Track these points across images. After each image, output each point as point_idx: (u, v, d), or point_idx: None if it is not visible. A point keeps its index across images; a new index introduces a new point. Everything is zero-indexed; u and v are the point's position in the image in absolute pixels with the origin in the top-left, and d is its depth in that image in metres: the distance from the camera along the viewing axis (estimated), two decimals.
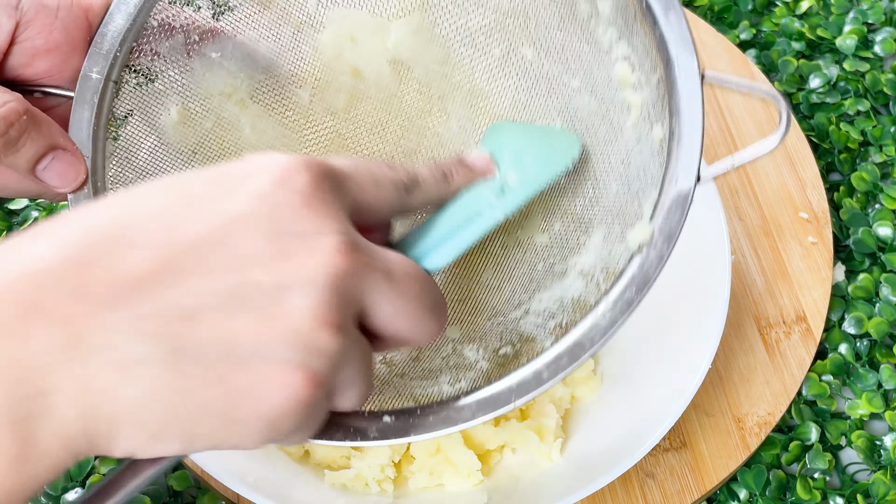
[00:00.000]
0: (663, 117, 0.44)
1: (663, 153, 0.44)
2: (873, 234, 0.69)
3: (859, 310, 0.66)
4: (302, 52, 0.48)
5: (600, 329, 0.42)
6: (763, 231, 0.68)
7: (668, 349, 0.59)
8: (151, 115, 0.48)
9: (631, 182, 0.45)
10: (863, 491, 0.60)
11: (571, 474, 0.55)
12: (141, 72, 0.47)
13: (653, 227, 0.44)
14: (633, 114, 0.45)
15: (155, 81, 0.47)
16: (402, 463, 0.58)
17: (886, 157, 0.72)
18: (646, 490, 0.59)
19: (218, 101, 0.48)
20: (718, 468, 0.60)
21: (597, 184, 0.46)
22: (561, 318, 0.46)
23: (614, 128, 0.46)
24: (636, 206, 0.45)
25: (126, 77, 0.47)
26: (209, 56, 0.48)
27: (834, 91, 0.75)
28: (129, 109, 0.47)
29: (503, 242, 0.48)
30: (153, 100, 0.47)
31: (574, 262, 0.46)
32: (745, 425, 0.61)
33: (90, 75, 0.46)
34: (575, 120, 0.47)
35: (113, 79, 0.46)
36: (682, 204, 0.44)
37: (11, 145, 0.44)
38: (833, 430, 0.62)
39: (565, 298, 0.46)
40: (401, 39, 0.48)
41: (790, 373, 0.63)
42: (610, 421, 0.58)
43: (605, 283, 0.44)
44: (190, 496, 0.60)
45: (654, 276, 0.43)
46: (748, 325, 0.65)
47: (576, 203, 0.47)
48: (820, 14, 0.79)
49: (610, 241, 0.45)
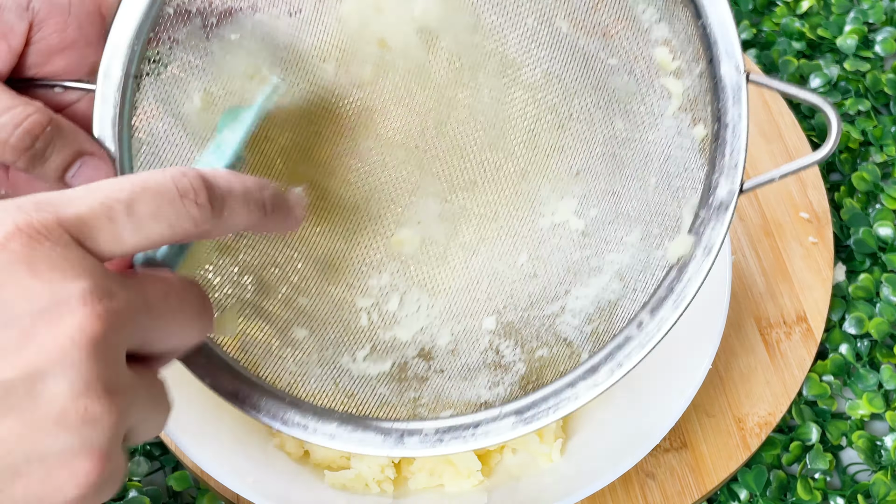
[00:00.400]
0: (706, 116, 0.43)
1: (704, 156, 0.43)
2: (874, 234, 0.69)
3: (860, 310, 0.66)
4: (324, 23, 0.47)
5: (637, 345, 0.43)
6: (763, 231, 0.68)
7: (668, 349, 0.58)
8: (174, 105, 0.47)
9: (671, 178, 0.44)
10: (863, 491, 0.60)
11: (571, 475, 0.55)
12: (160, 62, 0.46)
13: (692, 239, 0.42)
14: (673, 103, 0.44)
15: (175, 70, 0.47)
16: (402, 463, 0.58)
17: (887, 156, 0.72)
18: (646, 490, 0.59)
19: (240, 82, 0.47)
20: (719, 468, 0.60)
21: (635, 171, 0.45)
22: (597, 324, 0.45)
23: (653, 114, 0.45)
24: (675, 206, 0.44)
25: (145, 69, 0.46)
26: (228, 38, 0.47)
27: (834, 91, 0.75)
28: (151, 102, 0.47)
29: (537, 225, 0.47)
30: (175, 88, 0.47)
31: (611, 259, 0.46)
32: (746, 426, 0.61)
33: (109, 71, 0.45)
34: (612, 99, 0.45)
35: (133, 73, 0.45)
36: (723, 214, 0.42)
37: (39, 157, 0.43)
38: (834, 430, 0.62)
39: (601, 300, 0.45)
40: (428, 7, 0.47)
41: (791, 373, 0.63)
42: (610, 421, 0.58)
43: (643, 294, 0.44)
44: (190, 496, 0.60)
45: (693, 293, 0.42)
46: (748, 326, 0.65)
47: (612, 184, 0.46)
48: (820, 14, 0.79)
49: (648, 242, 0.45)
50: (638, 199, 0.45)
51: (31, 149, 0.43)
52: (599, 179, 0.46)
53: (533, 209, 0.47)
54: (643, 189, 0.45)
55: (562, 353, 0.46)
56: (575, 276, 0.46)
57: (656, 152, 0.45)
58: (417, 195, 0.48)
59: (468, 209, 0.47)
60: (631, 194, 0.45)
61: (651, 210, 0.45)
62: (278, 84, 0.46)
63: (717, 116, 0.43)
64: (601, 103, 0.46)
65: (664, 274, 0.44)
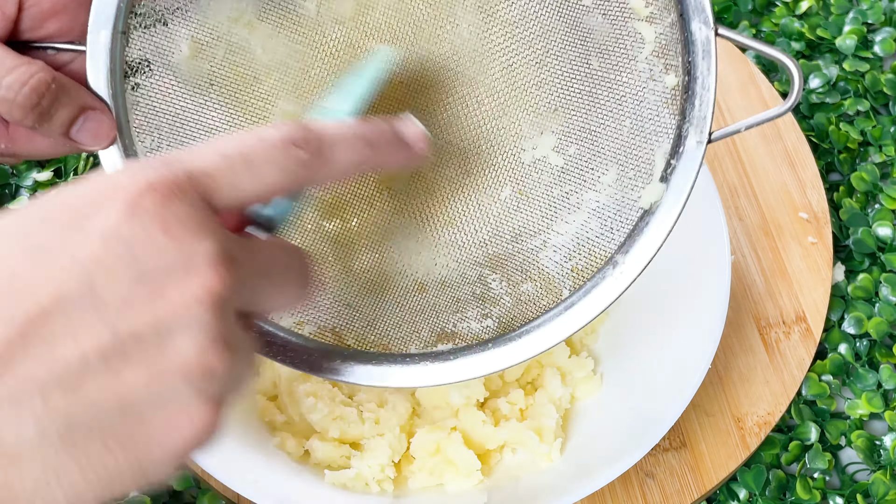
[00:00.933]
0: (677, 66, 0.45)
1: (676, 104, 0.45)
2: (873, 234, 0.69)
3: (859, 310, 0.66)
4: None
5: (614, 284, 0.47)
6: (763, 231, 0.68)
7: (667, 349, 0.59)
8: (164, 56, 0.48)
9: (644, 122, 0.46)
10: (862, 491, 0.60)
11: (571, 474, 0.55)
12: (146, 14, 0.48)
13: (664, 186, 0.45)
14: (646, 47, 0.46)
15: (162, 21, 0.48)
16: (402, 463, 0.58)
17: (886, 157, 0.72)
18: (646, 490, 0.59)
19: (226, 27, 0.49)
20: (718, 468, 0.60)
21: (610, 112, 0.47)
22: (577, 261, 0.48)
23: (627, 56, 0.47)
24: (648, 151, 0.46)
25: (132, 23, 0.47)
26: None
27: (834, 91, 0.75)
28: (141, 56, 0.48)
29: (519, 159, 0.49)
30: (163, 40, 0.48)
31: (588, 197, 0.48)
32: (745, 425, 0.61)
33: (97, 30, 0.46)
34: (588, 40, 0.47)
35: (121, 29, 0.47)
36: (692, 162, 0.45)
37: (45, 115, 0.45)
38: (833, 429, 0.62)
39: (581, 237, 0.48)
40: None
41: (790, 373, 0.63)
42: (610, 421, 0.58)
43: (619, 235, 0.47)
44: (190, 496, 0.60)
45: (665, 235, 0.46)
46: (748, 325, 0.65)
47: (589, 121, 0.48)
48: (819, 14, 0.79)
49: (623, 183, 0.47)
50: (613, 140, 0.47)
51: (38, 106, 0.44)
52: (577, 116, 0.48)
53: (514, 143, 0.49)
54: (618, 130, 0.47)
55: (544, 288, 0.49)
56: (556, 212, 0.49)
57: (630, 94, 0.47)
58: None
59: (452, 143, 0.49)
60: (607, 133, 0.48)
61: (626, 152, 0.47)
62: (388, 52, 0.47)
63: (687, 69, 0.45)
64: (577, 42, 0.48)
65: (638, 217, 0.47)
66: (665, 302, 0.60)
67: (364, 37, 0.50)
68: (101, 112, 0.46)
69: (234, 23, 0.49)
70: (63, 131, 0.46)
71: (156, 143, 0.48)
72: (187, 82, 0.48)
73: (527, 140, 0.49)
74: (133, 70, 0.48)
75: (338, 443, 0.57)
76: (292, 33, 0.49)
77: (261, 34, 0.49)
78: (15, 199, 0.70)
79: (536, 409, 0.58)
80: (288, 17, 0.49)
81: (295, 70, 0.50)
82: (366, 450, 0.56)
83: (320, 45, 0.49)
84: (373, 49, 0.48)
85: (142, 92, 0.48)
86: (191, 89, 0.49)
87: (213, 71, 0.49)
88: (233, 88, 0.49)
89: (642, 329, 0.61)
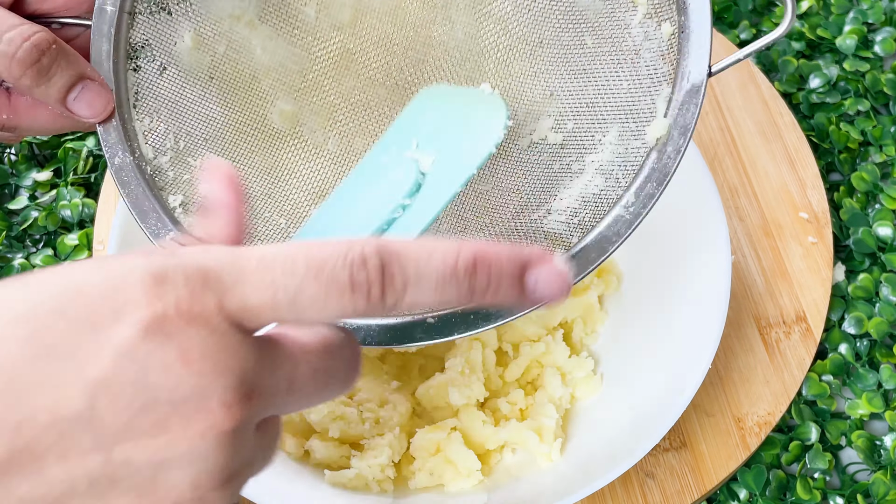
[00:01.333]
0: (671, 14, 0.45)
1: (673, 50, 0.46)
2: (873, 234, 0.69)
3: (859, 310, 0.66)
4: None
5: (625, 222, 0.44)
6: (763, 231, 0.68)
7: (668, 349, 0.59)
8: (167, 43, 0.49)
9: (641, 79, 0.47)
10: (863, 491, 0.60)
11: (571, 474, 0.55)
12: (153, 0, 0.48)
13: (668, 121, 0.45)
14: (639, 11, 0.46)
15: (166, 9, 0.49)
16: (402, 463, 0.58)
17: (886, 157, 0.72)
18: (646, 490, 0.59)
19: (228, 24, 0.49)
20: (718, 468, 0.60)
21: (607, 82, 0.47)
22: (584, 215, 0.46)
23: (621, 26, 0.47)
24: (649, 102, 0.46)
25: (139, 7, 0.48)
26: None
27: (834, 91, 0.75)
28: (145, 39, 0.49)
29: (516, 145, 0.49)
30: (167, 28, 0.49)
31: (591, 159, 0.47)
32: (745, 425, 0.61)
33: (104, 7, 0.47)
34: (581, 21, 0.47)
35: (127, 10, 0.47)
36: (695, 96, 0.45)
37: (44, 74, 0.45)
38: (833, 429, 0.62)
39: (586, 195, 0.47)
40: None
41: (790, 373, 0.63)
42: (610, 421, 0.58)
43: (626, 179, 0.46)
44: None
45: (673, 169, 0.44)
46: (748, 325, 0.65)
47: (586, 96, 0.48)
48: (820, 14, 0.79)
49: (626, 137, 0.47)
50: (613, 104, 0.47)
51: (38, 63, 0.44)
52: (573, 96, 0.48)
53: (511, 132, 0.49)
54: (616, 94, 0.47)
55: (552, 243, 0.47)
56: (557, 184, 0.48)
57: (627, 59, 0.47)
58: None
59: None
60: (605, 101, 0.47)
61: (626, 110, 0.47)
62: (501, 136, 0.44)
63: (681, 8, 0.45)
64: (570, 25, 0.48)
65: (645, 157, 0.46)
66: (665, 302, 0.60)
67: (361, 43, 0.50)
68: (101, 85, 0.47)
69: (237, 21, 0.49)
70: (60, 97, 0.46)
71: (154, 124, 0.48)
72: (188, 72, 0.49)
73: (524, 126, 0.49)
74: (135, 52, 0.48)
75: (338, 443, 0.57)
76: (291, 36, 0.50)
77: (261, 34, 0.50)
78: (14, 198, 0.70)
79: (536, 409, 0.58)
80: (288, 20, 0.49)
81: (293, 72, 0.50)
82: (366, 450, 0.56)
83: (318, 50, 0.50)
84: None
85: (143, 74, 0.48)
86: (191, 79, 0.49)
87: (213, 65, 0.49)
88: (232, 84, 0.50)
89: (642, 329, 0.61)
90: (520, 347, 0.60)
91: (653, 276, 0.62)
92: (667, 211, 0.61)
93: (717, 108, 0.73)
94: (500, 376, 0.60)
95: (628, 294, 0.63)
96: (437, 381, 0.58)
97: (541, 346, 0.60)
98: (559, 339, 0.60)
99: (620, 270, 0.64)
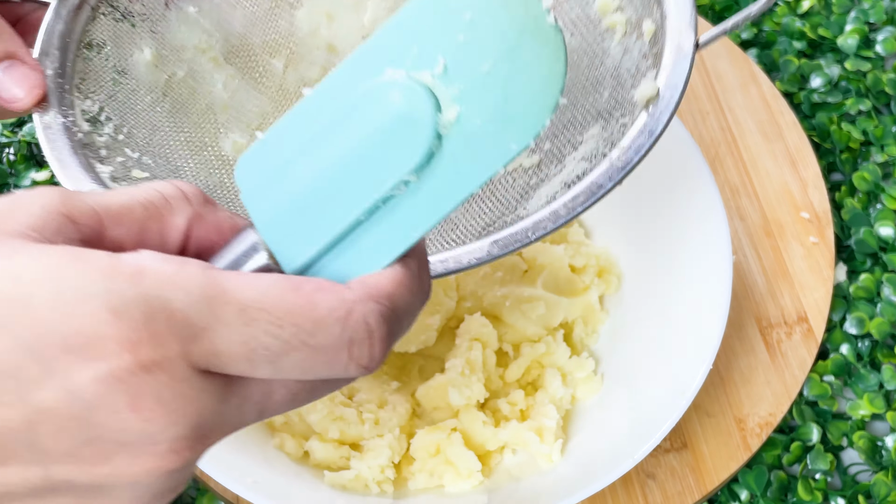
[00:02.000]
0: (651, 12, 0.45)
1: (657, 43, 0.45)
2: (875, 234, 0.69)
3: (861, 310, 0.66)
4: (277, 25, 0.49)
5: (616, 169, 0.42)
6: (764, 231, 0.68)
7: (668, 350, 0.58)
8: (125, 51, 0.48)
9: (623, 82, 0.46)
10: (864, 492, 0.60)
11: (572, 475, 0.55)
12: (118, 9, 0.48)
13: (658, 83, 0.43)
14: (617, 32, 0.46)
15: (131, 23, 0.48)
16: (401, 464, 0.57)
17: (888, 156, 0.72)
18: (646, 491, 0.59)
19: (192, 53, 0.49)
20: (719, 469, 0.60)
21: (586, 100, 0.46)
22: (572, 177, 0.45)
23: (598, 55, 0.46)
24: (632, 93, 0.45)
25: (103, 9, 0.47)
26: (186, 10, 0.48)
27: (835, 91, 0.75)
28: (102, 39, 0.48)
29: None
30: (127, 37, 0.48)
31: (573, 156, 0.46)
32: (747, 426, 0.61)
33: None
34: None
35: (91, 4, 0.47)
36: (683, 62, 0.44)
37: None
38: (834, 430, 0.62)
39: (569, 180, 0.45)
40: (377, 16, 0.48)
41: (791, 373, 0.63)
42: (610, 422, 0.58)
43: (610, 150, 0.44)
44: (189, 497, 0.60)
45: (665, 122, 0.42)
46: (749, 326, 0.65)
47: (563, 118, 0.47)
48: (821, 13, 0.79)
49: (610, 126, 0.45)
50: (592, 114, 0.46)
51: None
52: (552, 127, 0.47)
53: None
54: (596, 104, 0.46)
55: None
56: (535, 189, 0.47)
57: (607, 77, 0.46)
58: None
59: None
60: (585, 112, 0.46)
61: (609, 109, 0.46)
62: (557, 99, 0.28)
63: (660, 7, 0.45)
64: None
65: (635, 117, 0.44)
66: (666, 302, 0.60)
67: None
68: (32, 69, 0.44)
69: (201, 53, 0.48)
70: None
71: (96, 106, 0.47)
72: (140, 81, 0.48)
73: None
74: (90, 48, 0.47)
75: (337, 443, 0.57)
76: (257, 83, 0.49)
77: (224, 73, 0.49)
78: None
79: (537, 409, 0.58)
80: (255, 67, 0.49)
81: (252, 114, 0.49)
82: (365, 451, 0.56)
83: (283, 101, 0.49)
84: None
85: (93, 67, 0.47)
86: (143, 88, 0.48)
87: (169, 84, 0.49)
88: (187, 107, 0.49)
89: (643, 329, 0.60)
90: (520, 348, 0.60)
91: (653, 276, 0.62)
92: (667, 211, 0.61)
93: (718, 108, 0.73)
94: (501, 377, 0.60)
95: (629, 294, 0.63)
96: (437, 381, 0.58)
97: (541, 346, 0.60)
98: (560, 340, 0.60)
99: (621, 271, 0.64)
